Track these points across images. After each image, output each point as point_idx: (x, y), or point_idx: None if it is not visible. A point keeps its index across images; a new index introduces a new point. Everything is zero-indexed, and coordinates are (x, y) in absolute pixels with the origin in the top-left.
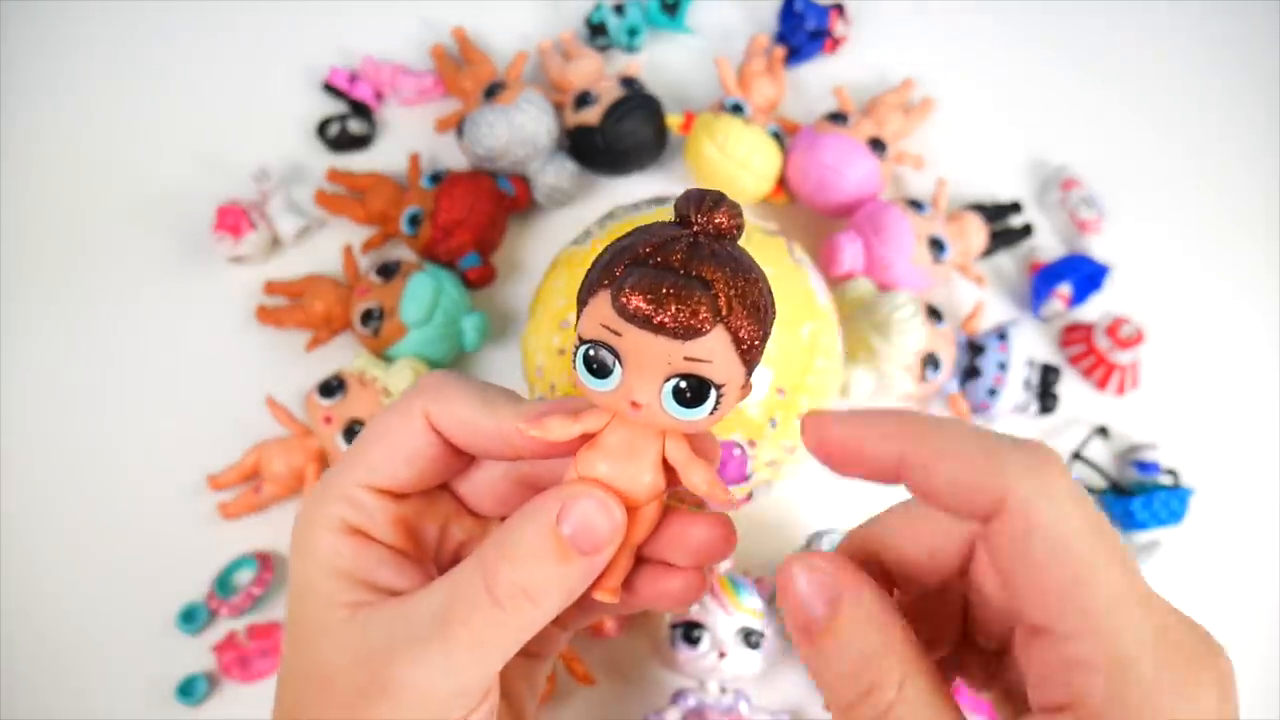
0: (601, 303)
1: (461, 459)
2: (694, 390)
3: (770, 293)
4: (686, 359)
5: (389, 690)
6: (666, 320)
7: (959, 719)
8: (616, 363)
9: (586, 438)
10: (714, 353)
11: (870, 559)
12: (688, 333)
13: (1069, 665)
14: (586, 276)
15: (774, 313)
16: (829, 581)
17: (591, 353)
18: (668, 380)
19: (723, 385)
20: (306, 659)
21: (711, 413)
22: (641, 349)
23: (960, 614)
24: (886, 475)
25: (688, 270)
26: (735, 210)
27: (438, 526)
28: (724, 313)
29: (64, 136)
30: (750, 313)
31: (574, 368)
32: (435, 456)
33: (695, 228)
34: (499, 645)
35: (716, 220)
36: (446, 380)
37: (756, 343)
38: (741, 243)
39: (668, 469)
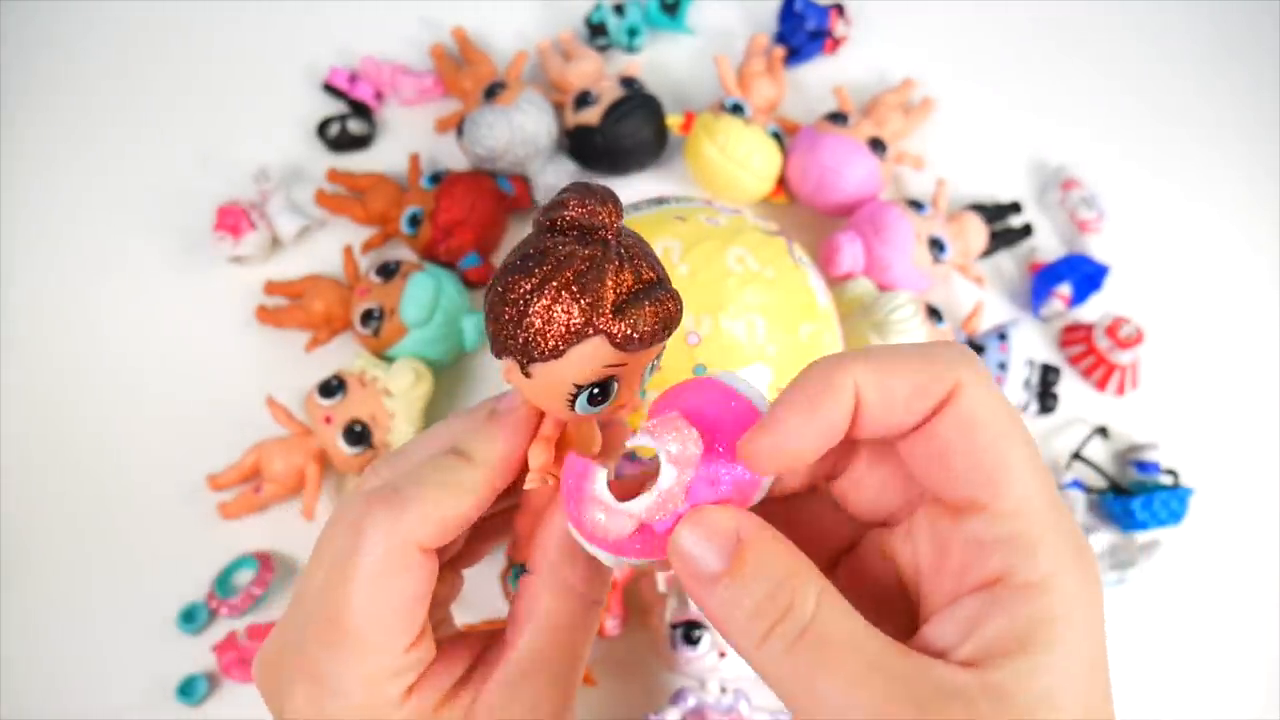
0: (596, 349)
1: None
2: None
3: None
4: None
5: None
6: (663, 327)
7: (870, 616)
8: (616, 381)
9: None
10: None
11: (833, 432)
12: (674, 326)
13: (999, 542)
14: (523, 329)
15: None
16: (727, 527)
17: (597, 391)
18: (648, 368)
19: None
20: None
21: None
22: (640, 359)
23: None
24: (838, 436)
25: (643, 278)
26: (607, 194)
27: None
28: (674, 299)
29: (64, 137)
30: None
31: (570, 409)
32: (432, 573)
33: (612, 233)
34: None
35: (615, 220)
36: (395, 500)
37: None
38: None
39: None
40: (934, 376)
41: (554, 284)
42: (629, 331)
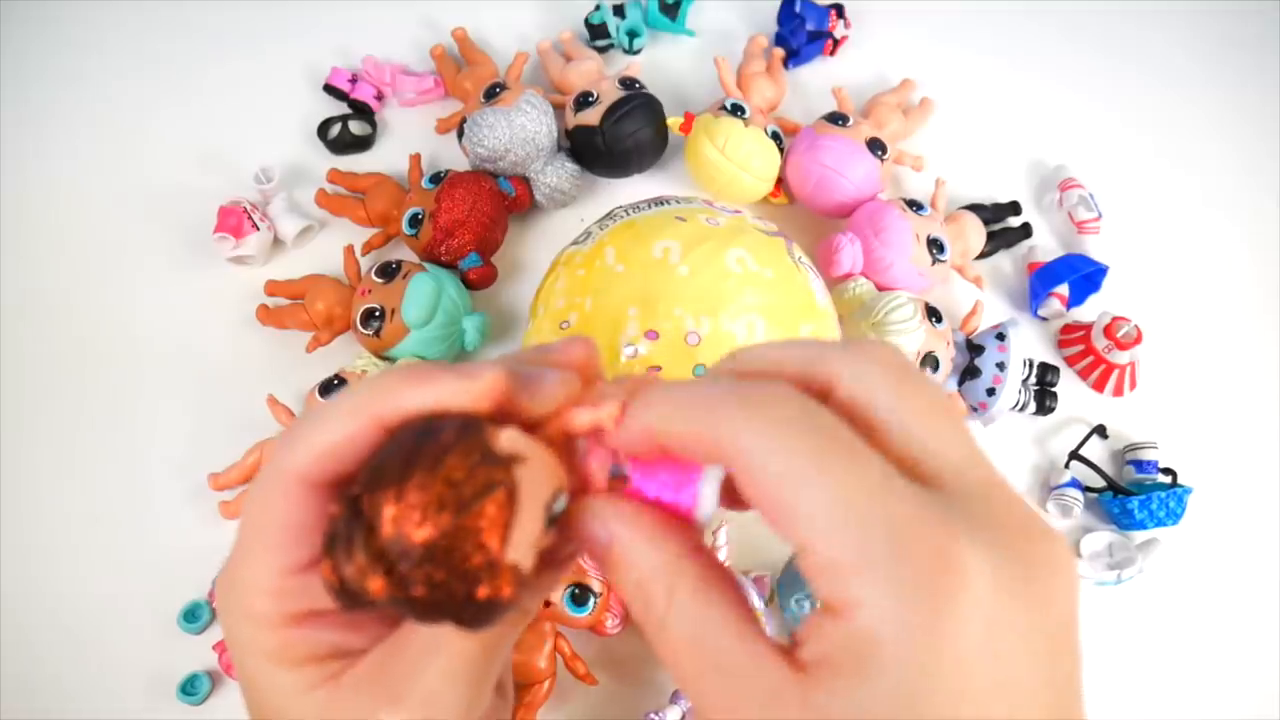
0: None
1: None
2: (550, 523)
3: (434, 464)
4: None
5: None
6: (497, 607)
7: (729, 614)
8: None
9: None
10: (525, 538)
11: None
12: (510, 583)
13: (817, 572)
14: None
15: (456, 459)
16: (602, 525)
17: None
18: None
19: (553, 499)
20: None
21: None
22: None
23: None
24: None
25: (437, 580)
26: (361, 537)
27: None
28: (500, 543)
29: (66, 138)
30: (489, 499)
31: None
32: (313, 517)
33: (385, 567)
34: (495, 647)
35: (375, 551)
36: (298, 428)
37: (504, 528)
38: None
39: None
40: (702, 441)
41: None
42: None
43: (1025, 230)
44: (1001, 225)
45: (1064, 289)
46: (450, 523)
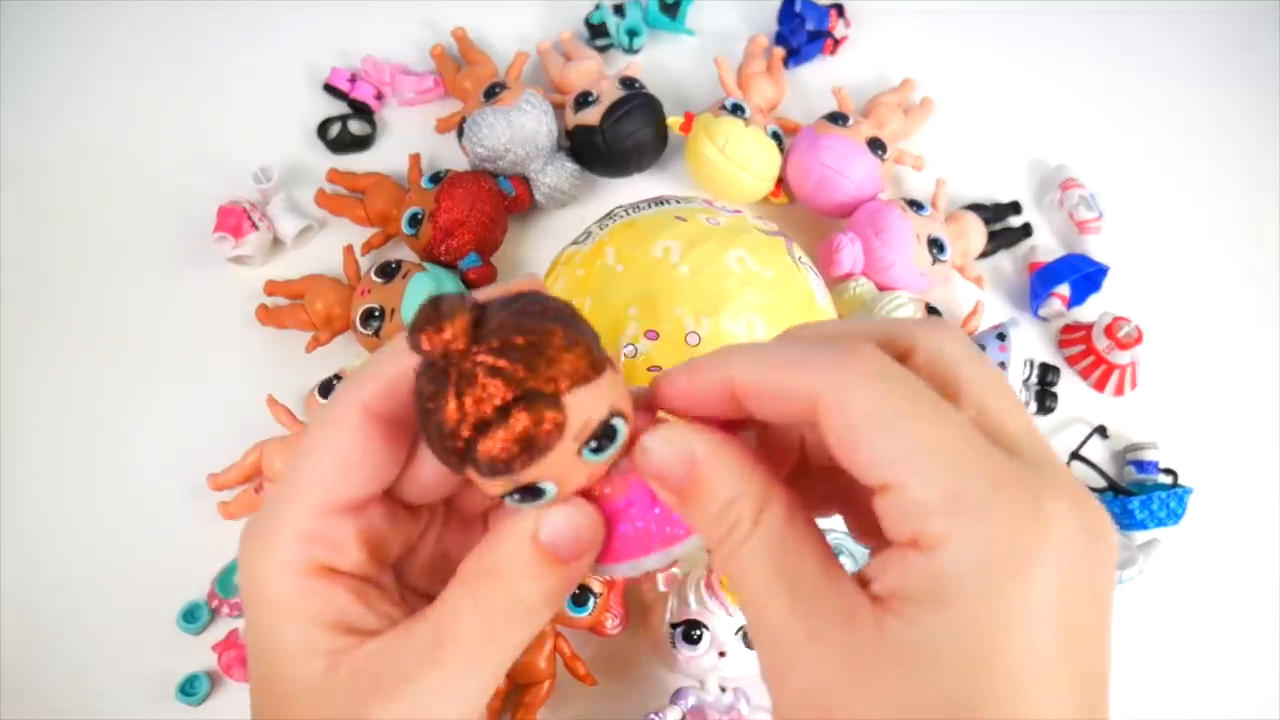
0: (472, 477)
1: (403, 447)
2: (604, 435)
3: (538, 302)
4: (576, 439)
5: None
6: (536, 447)
7: (812, 543)
8: (542, 484)
9: None
10: (585, 409)
11: (724, 399)
12: (557, 433)
13: (899, 514)
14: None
15: (558, 307)
16: (683, 447)
17: (518, 497)
18: (581, 450)
19: (613, 406)
20: (290, 712)
21: (627, 423)
22: (545, 468)
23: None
24: (732, 412)
25: (498, 398)
26: (457, 301)
27: (396, 532)
28: (558, 386)
29: (65, 137)
30: (566, 349)
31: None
32: (382, 449)
33: (458, 354)
34: (494, 664)
35: (459, 330)
36: (366, 364)
37: (590, 350)
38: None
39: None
40: (793, 387)
41: (424, 430)
42: (487, 465)
43: (1026, 230)
44: (1002, 225)
45: (1065, 289)
46: (541, 331)
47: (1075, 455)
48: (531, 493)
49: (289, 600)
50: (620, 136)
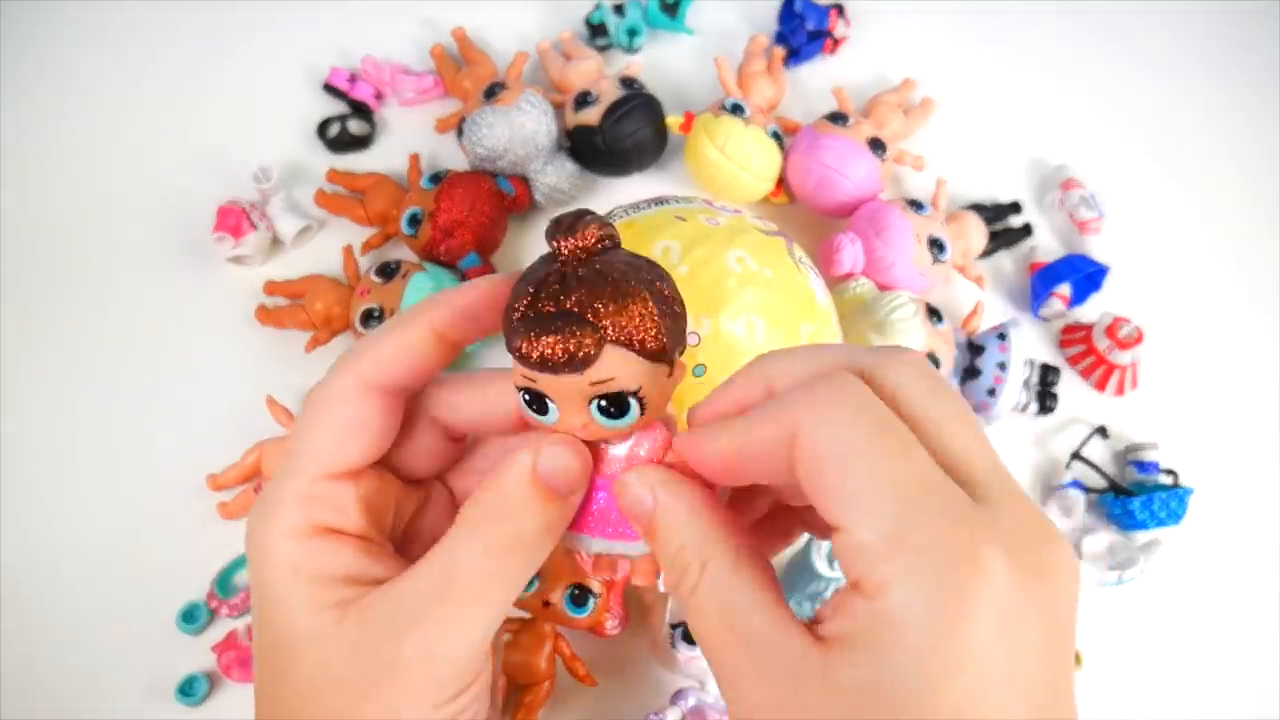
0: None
1: (397, 419)
2: (615, 404)
3: (659, 279)
4: (593, 384)
5: (398, 671)
6: (557, 361)
7: (760, 590)
8: (548, 401)
9: None
10: (614, 369)
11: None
12: (582, 363)
13: (851, 553)
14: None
15: (670, 294)
16: (647, 489)
17: (527, 398)
18: (591, 401)
19: (639, 389)
20: (298, 673)
21: (642, 412)
22: (555, 387)
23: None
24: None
25: (563, 306)
26: (598, 223)
27: (393, 503)
28: (608, 333)
29: (65, 137)
30: (639, 318)
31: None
32: (378, 419)
33: (562, 258)
34: (501, 597)
35: (578, 243)
36: (360, 341)
37: (658, 336)
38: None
39: None
40: (772, 436)
41: (519, 291)
42: (520, 347)
43: (1026, 230)
44: (1003, 225)
45: (1065, 289)
46: (633, 287)
47: (1076, 455)
48: (537, 400)
49: (293, 561)
50: (620, 136)
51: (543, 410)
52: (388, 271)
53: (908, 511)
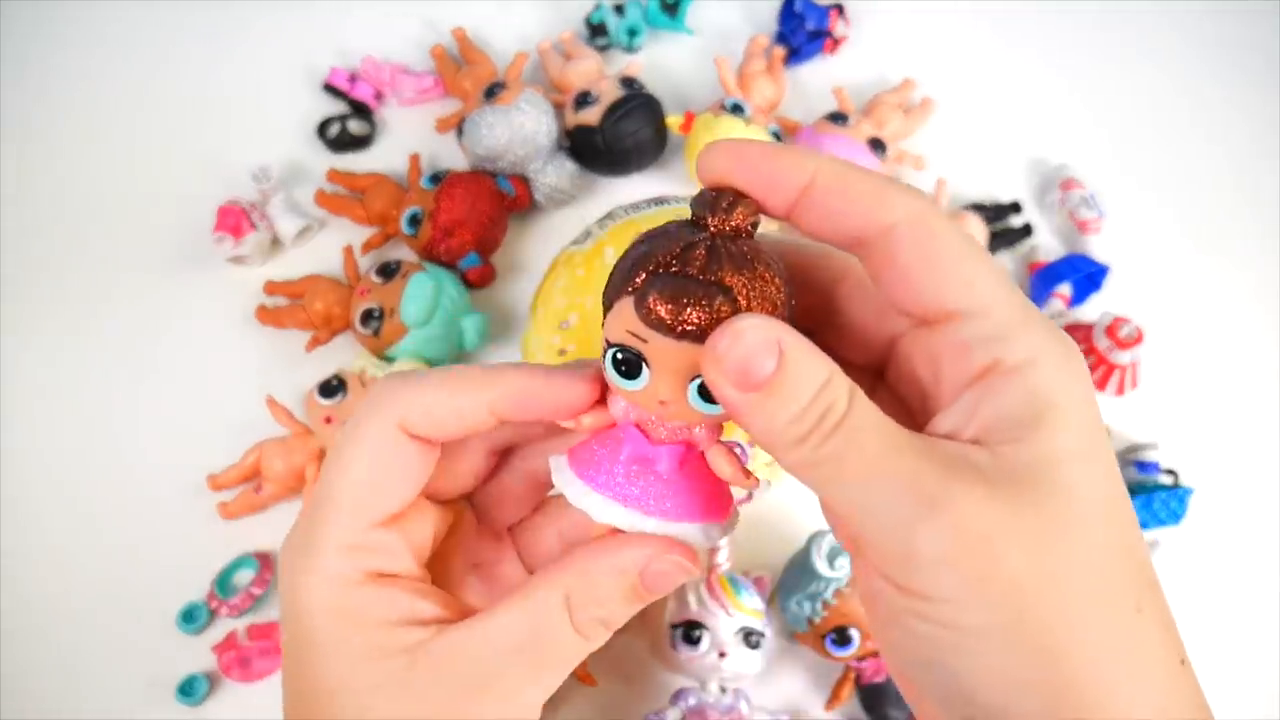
0: (626, 309)
1: (436, 456)
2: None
3: (788, 283)
4: None
5: None
6: (689, 327)
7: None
8: (644, 365)
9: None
10: (699, 342)
11: (797, 187)
12: (699, 326)
13: (979, 339)
14: (611, 280)
15: (793, 302)
16: (769, 335)
17: (620, 356)
18: (693, 380)
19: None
20: None
21: (705, 400)
22: (666, 354)
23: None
24: (786, 201)
25: (707, 276)
26: (750, 208)
27: (432, 533)
28: (728, 301)
29: (65, 138)
30: (772, 308)
31: (604, 368)
32: (420, 463)
33: (712, 230)
34: (570, 668)
35: (733, 221)
36: (404, 382)
37: None
38: None
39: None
40: (875, 202)
41: (658, 249)
42: (642, 297)
43: (1027, 230)
44: (1003, 225)
45: (1066, 289)
46: (767, 275)
47: None
48: (632, 362)
49: (349, 611)
50: (620, 136)
51: (632, 375)
52: (388, 271)
53: (1019, 297)
